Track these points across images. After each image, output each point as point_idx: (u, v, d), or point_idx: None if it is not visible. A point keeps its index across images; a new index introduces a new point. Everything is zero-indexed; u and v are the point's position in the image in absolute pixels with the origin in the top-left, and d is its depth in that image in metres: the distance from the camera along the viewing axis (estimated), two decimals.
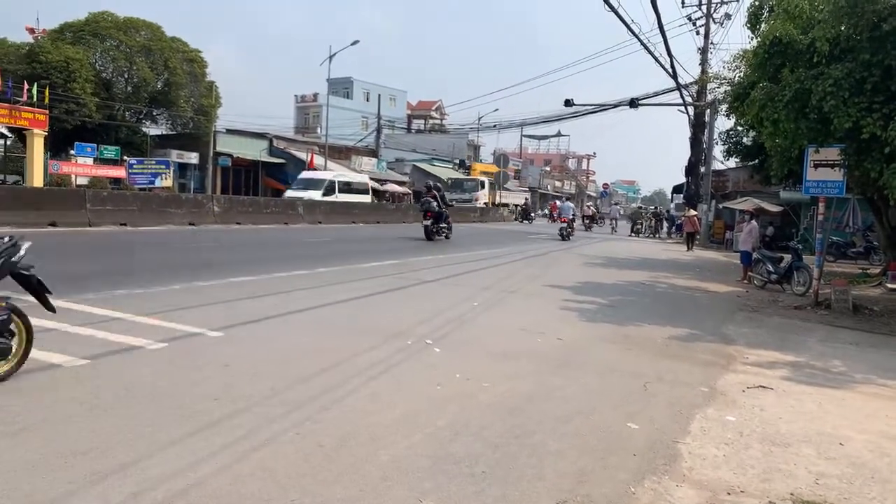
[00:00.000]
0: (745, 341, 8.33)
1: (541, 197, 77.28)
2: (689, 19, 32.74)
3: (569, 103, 34.47)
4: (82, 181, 32.44)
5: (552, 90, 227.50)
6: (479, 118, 59.27)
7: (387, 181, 50.23)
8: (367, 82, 68.70)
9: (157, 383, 4.81)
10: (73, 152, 33.37)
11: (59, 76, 34.04)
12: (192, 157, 40.27)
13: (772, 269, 14.43)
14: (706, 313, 10.61)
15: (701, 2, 32.78)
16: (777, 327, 9.71)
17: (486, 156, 71.29)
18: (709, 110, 31.76)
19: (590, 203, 58.73)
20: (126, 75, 39.78)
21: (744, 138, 25.96)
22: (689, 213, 29.78)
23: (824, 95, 9.92)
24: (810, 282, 12.76)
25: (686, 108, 34.09)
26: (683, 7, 32.93)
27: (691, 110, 33.77)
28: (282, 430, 4.08)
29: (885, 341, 9.18)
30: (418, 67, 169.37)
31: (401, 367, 5.79)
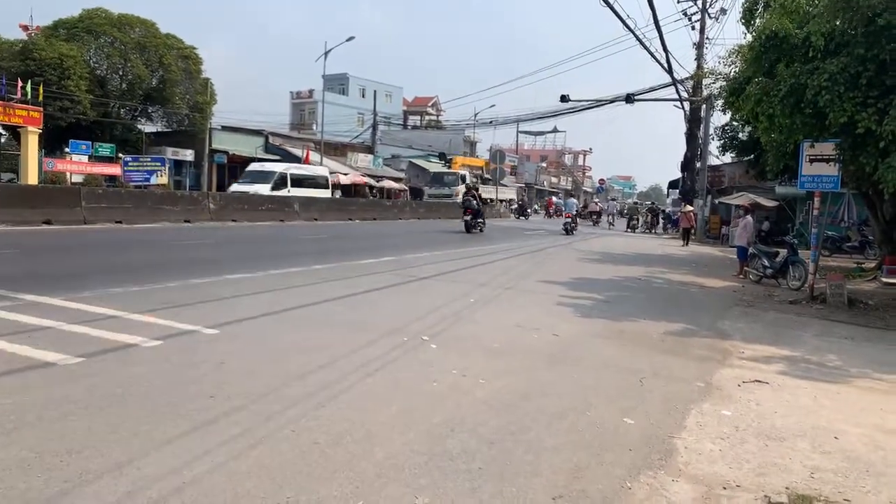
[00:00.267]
0: (741, 336, 8.35)
1: (537, 193, 77.34)
2: (685, 14, 32.76)
3: (565, 99, 34.50)
4: (77, 179, 32.35)
5: (548, 86, 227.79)
6: (476, 114, 59.43)
7: (383, 177, 50.18)
8: (363, 78, 68.59)
9: (153, 381, 4.80)
10: (67, 150, 33.30)
11: (53, 73, 33.93)
12: (188, 155, 40.18)
13: (767, 263, 14.46)
14: (702, 308, 10.63)
15: None
16: (773, 322, 9.73)
17: (483, 152, 71.34)
18: (704, 105, 31.80)
19: (597, 199, 59.18)
20: (120, 72, 39.67)
21: (739, 133, 26.02)
22: (686, 208, 29.84)
23: (819, 90, 9.93)
24: (806, 276, 12.79)
25: (682, 104, 34.17)
26: (679, 2, 32.91)
27: (687, 105, 33.82)
28: (277, 427, 4.07)
29: (880, 335, 9.21)
30: (415, 64, 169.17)
31: (397, 363, 5.79)
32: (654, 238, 33.60)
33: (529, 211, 51.07)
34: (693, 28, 32.72)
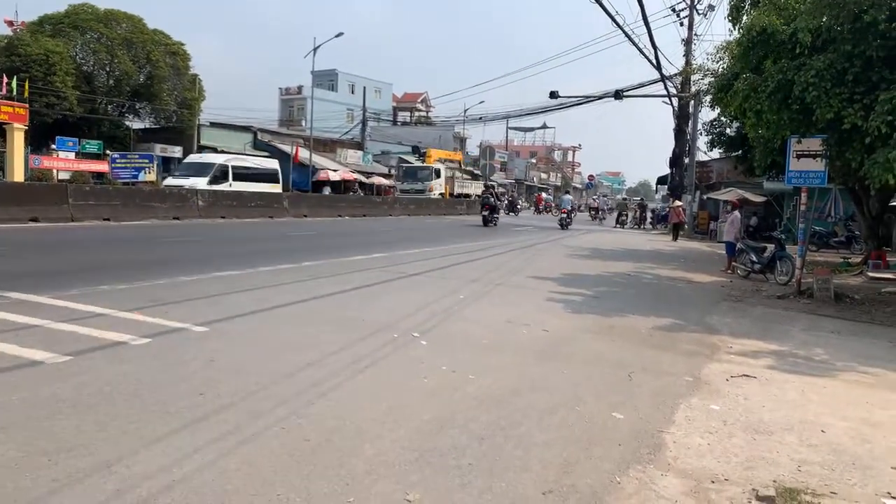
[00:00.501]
0: (729, 331, 8.40)
1: (527, 189, 77.43)
2: (673, 10, 32.82)
3: (554, 95, 34.50)
4: (64, 176, 32.06)
5: (538, 82, 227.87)
6: (465, 110, 59.34)
7: (373, 174, 50.06)
8: (352, 74, 68.30)
9: (141, 379, 4.78)
10: (54, 147, 32.98)
11: (38, 69, 33.63)
12: (176, 151, 39.90)
13: (755, 258, 14.55)
14: (690, 303, 10.69)
15: None
16: (760, 316, 9.80)
17: (473, 148, 71.34)
18: (693, 101, 31.90)
19: (595, 196, 59.75)
20: (107, 68, 39.38)
21: (727, 129, 26.15)
22: (675, 204, 29.97)
23: (806, 86, 9.99)
24: (793, 271, 12.88)
25: (670, 100, 34.25)
26: None
27: (675, 101, 33.91)
28: (267, 425, 4.06)
29: (865, 329, 9.29)
30: (404, 59, 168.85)
31: (387, 360, 5.79)
32: (643, 234, 33.73)
33: (519, 207, 51.05)
34: (681, 24, 32.83)
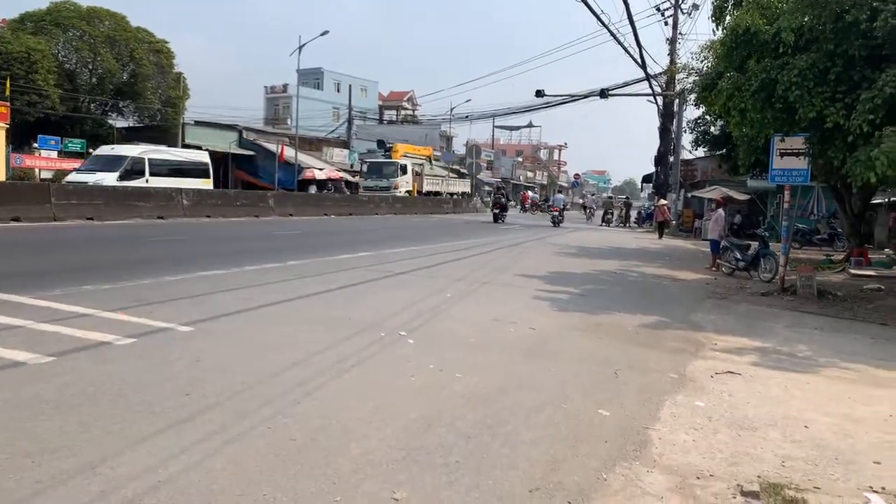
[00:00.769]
0: (714, 328, 8.47)
1: (513, 187, 77.56)
2: (658, 10, 32.99)
3: (540, 94, 34.60)
4: (46, 175, 31.69)
5: (524, 81, 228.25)
6: (452, 109, 59.34)
7: (358, 173, 49.87)
8: (338, 73, 68.05)
9: (126, 379, 4.74)
10: (36, 145, 32.57)
11: (20, 67, 33.18)
12: None
13: (739, 256, 14.67)
14: (675, 301, 10.76)
15: None
16: (745, 314, 9.88)
17: (459, 146, 71.29)
18: (677, 100, 32.10)
19: (584, 194, 60.39)
20: (90, 66, 38.93)
21: (712, 128, 26.36)
22: (660, 202, 30.14)
23: (789, 85, 10.08)
24: (777, 268, 13.00)
25: (655, 99, 34.45)
26: None
27: (660, 100, 34.13)
28: (253, 424, 4.04)
29: (848, 326, 9.40)
30: (395, 59, 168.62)
31: (374, 359, 5.78)
32: (629, 231, 33.90)
33: (509, 206, 51.04)
34: (666, 24, 33.05)
